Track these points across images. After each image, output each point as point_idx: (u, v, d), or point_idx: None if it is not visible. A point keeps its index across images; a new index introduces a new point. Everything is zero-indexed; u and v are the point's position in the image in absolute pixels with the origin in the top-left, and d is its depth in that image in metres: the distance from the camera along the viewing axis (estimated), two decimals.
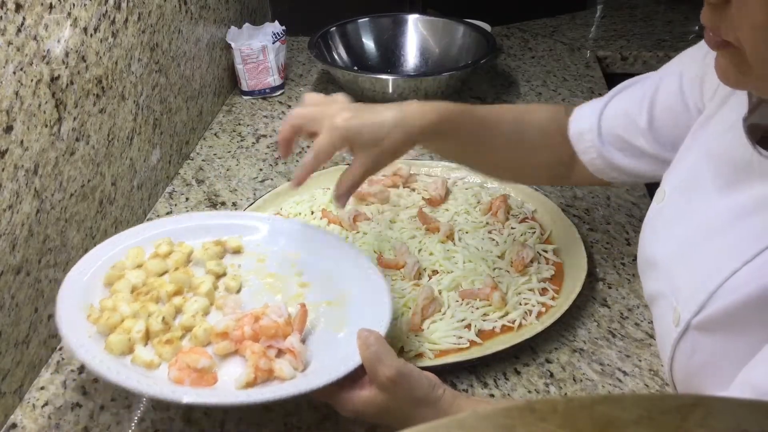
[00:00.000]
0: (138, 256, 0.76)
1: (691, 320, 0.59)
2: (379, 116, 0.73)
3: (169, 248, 0.78)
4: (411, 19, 1.52)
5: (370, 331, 0.67)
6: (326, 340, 0.71)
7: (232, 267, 0.80)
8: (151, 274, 0.75)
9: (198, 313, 0.71)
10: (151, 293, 0.72)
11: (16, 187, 0.73)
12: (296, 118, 0.75)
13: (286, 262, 0.81)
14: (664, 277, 0.65)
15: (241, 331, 0.68)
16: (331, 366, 0.65)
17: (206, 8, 1.28)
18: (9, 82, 0.71)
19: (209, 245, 0.80)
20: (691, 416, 0.27)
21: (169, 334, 0.68)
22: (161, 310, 0.70)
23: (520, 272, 0.90)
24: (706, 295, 0.57)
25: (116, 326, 0.67)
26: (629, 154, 0.79)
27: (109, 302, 0.70)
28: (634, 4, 1.87)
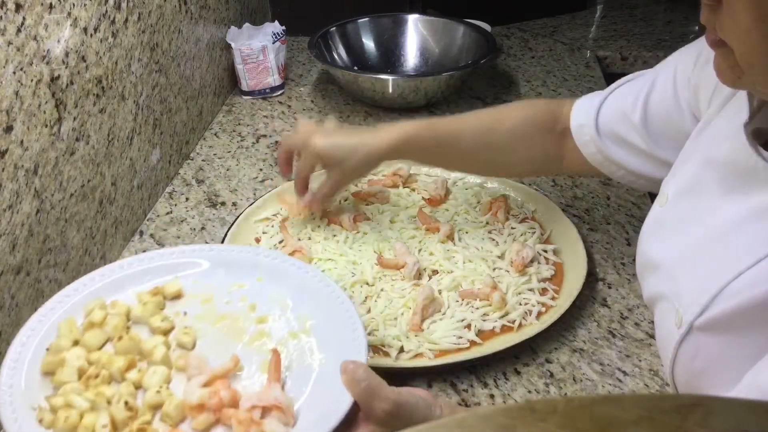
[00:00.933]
0: (72, 331, 0.66)
1: (694, 322, 0.59)
2: (347, 140, 0.88)
3: (103, 312, 0.68)
4: (411, 19, 1.52)
5: (354, 363, 0.61)
6: (304, 378, 0.64)
7: (177, 316, 0.70)
8: (91, 349, 0.66)
9: (161, 385, 0.63)
10: (101, 374, 0.63)
11: (16, 187, 0.73)
12: (287, 144, 0.94)
13: (234, 296, 0.73)
14: (667, 280, 0.65)
15: (217, 398, 0.60)
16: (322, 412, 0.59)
17: (206, 8, 1.28)
18: (9, 82, 0.71)
19: (146, 297, 0.71)
20: (691, 416, 0.27)
21: (139, 420, 0.60)
22: (120, 392, 0.62)
23: (520, 272, 0.90)
24: (709, 297, 0.57)
25: (76, 426, 0.59)
26: (625, 150, 0.81)
27: (59, 399, 0.61)
28: (634, 4, 1.87)
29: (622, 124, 0.80)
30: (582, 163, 0.85)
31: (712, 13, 0.54)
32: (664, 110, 0.76)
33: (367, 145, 0.87)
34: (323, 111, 1.37)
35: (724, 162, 0.62)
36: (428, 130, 0.88)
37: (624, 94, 0.82)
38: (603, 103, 0.83)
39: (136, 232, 1.03)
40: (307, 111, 1.37)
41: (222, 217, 1.06)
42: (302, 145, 0.90)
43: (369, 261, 0.92)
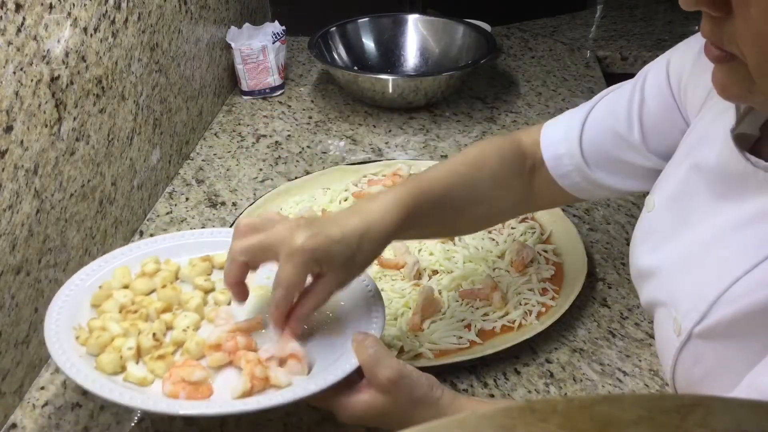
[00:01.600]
0: (124, 276, 0.75)
1: (693, 330, 0.59)
2: (341, 230, 0.65)
3: (155, 266, 0.76)
4: (411, 19, 1.52)
5: (365, 334, 0.66)
6: (322, 346, 0.70)
7: (220, 282, 0.75)
8: (138, 293, 0.73)
9: (189, 327, 0.70)
10: (140, 311, 0.70)
11: (16, 187, 0.73)
12: (240, 253, 0.64)
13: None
14: (663, 287, 0.65)
15: (234, 341, 0.67)
16: (328, 371, 0.65)
17: (206, 8, 1.28)
18: (9, 82, 0.71)
19: (196, 261, 0.78)
20: (691, 416, 0.27)
21: (161, 350, 0.66)
22: (151, 326, 0.69)
23: (520, 272, 0.90)
24: (707, 305, 0.57)
25: (106, 345, 0.66)
26: (618, 172, 0.76)
27: (98, 322, 0.69)
28: (634, 4, 1.87)
29: (614, 144, 0.74)
30: (556, 195, 0.80)
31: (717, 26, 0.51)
32: (664, 121, 0.72)
33: (375, 231, 0.66)
34: (323, 111, 1.37)
35: (712, 168, 0.62)
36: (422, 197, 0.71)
37: (607, 113, 0.75)
38: (584, 128, 0.76)
39: (136, 232, 1.03)
40: (307, 111, 1.37)
41: (222, 217, 1.06)
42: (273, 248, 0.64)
43: None
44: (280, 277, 0.63)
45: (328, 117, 1.34)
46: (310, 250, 0.62)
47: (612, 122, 0.74)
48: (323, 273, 0.65)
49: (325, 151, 1.24)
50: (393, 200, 0.69)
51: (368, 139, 1.27)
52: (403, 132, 1.29)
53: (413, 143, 1.26)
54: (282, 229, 0.64)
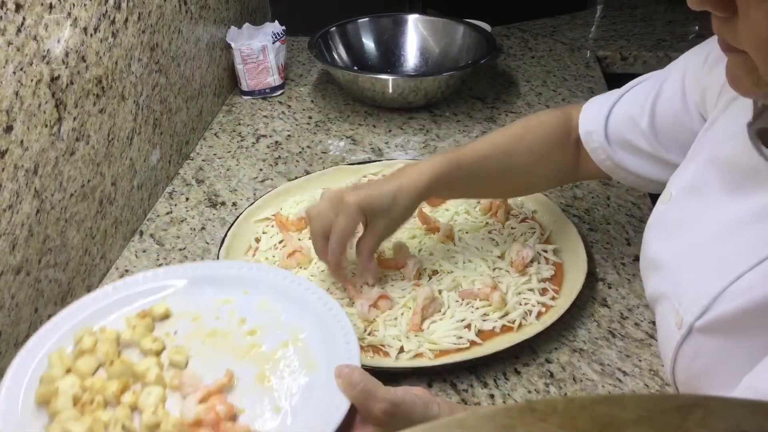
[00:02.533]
0: (63, 360, 0.66)
1: (694, 323, 0.59)
2: (381, 188, 0.82)
3: (93, 339, 0.68)
4: (411, 19, 1.52)
5: (349, 367, 0.62)
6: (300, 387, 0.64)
7: (167, 336, 0.70)
8: (85, 375, 0.65)
9: (157, 406, 0.62)
10: (96, 400, 0.62)
11: (16, 187, 0.73)
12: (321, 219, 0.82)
13: (223, 312, 0.72)
14: (668, 279, 0.65)
15: (214, 413, 0.61)
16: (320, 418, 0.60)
17: (206, 8, 1.28)
18: (9, 82, 0.71)
19: (135, 321, 0.70)
20: (691, 416, 0.27)
21: None
22: (117, 416, 0.61)
23: (520, 272, 0.90)
24: (709, 299, 0.57)
25: None
26: (635, 156, 0.81)
27: (57, 427, 0.60)
28: (634, 4, 1.87)
29: (631, 129, 0.80)
30: (596, 169, 0.85)
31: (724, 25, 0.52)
32: (672, 113, 0.76)
33: (406, 186, 0.82)
34: (323, 111, 1.37)
35: (726, 161, 0.62)
36: (455, 165, 0.84)
37: (632, 98, 0.81)
38: (612, 109, 0.82)
39: (136, 232, 1.03)
40: (307, 111, 1.37)
41: (222, 217, 1.06)
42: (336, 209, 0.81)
43: None
44: (335, 227, 0.80)
45: (328, 117, 1.35)
46: (357, 204, 0.80)
47: (632, 110, 0.80)
48: (368, 222, 0.82)
49: (325, 151, 1.24)
50: (428, 167, 0.83)
51: (368, 139, 1.27)
52: (403, 132, 1.29)
53: (413, 143, 1.26)
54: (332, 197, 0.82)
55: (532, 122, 0.90)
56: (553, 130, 0.87)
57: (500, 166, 0.87)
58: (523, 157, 0.87)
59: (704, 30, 0.58)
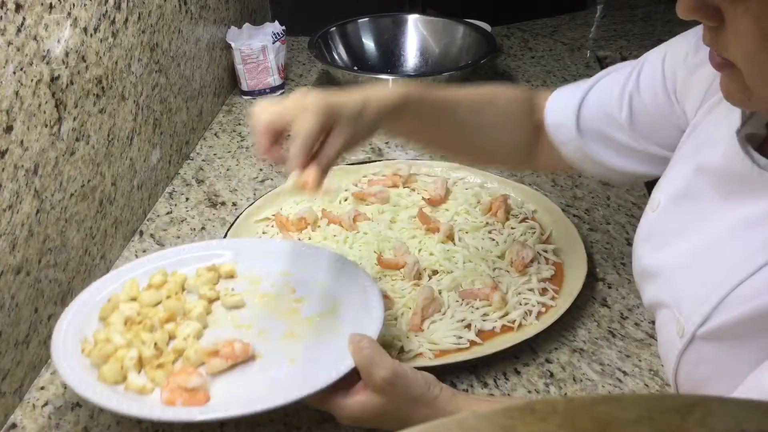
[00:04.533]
0: (132, 289, 0.77)
1: (696, 331, 0.59)
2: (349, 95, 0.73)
3: (162, 278, 0.79)
4: (411, 19, 1.52)
5: (361, 335, 0.67)
6: (319, 349, 0.72)
7: (225, 291, 0.80)
8: (145, 305, 0.76)
9: (190, 336, 0.72)
10: (143, 322, 0.72)
11: (16, 187, 0.73)
12: (274, 112, 0.70)
13: (279, 281, 0.82)
14: (666, 288, 0.65)
15: (231, 347, 0.69)
16: (324, 371, 0.66)
17: (206, 8, 1.28)
18: (9, 82, 0.71)
19: (202, 271, 0.81)
20: (691, 416, 0.27)
21: (161, 359, 0.68)
22: (154, 337, 0.71)
23: (520, 272, 0.90)
24: (710, 307, 0.57)
25: (109, 356, 0.68)
26: (610, 149, 0.78)
27: (102, 334, 0.71)
28: (634, 4, 1.87)
29: (606, 123, 0.78)
30: (557, 159, 0.83)
31: (714, 35, 0.53)
32: (653, 106, 0.74)
33: (376, 96, 0.74)
34: None
35: (717, 168, 0.62)
36: (427, 96, 0.79)
37: (605, 90, 0.79)
38: (583, 103, 0.80)
39: (136, 232, 1.03)
40: None
41: (222, 217, 1.06)
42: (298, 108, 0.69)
43: (369, 261, 0.92)
44: (298, 129, 0.68)
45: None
46: (322, 104, 0.68)
47: (606, 102, 0.78)
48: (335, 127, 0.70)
49: None
50: (400, 88, 0.77)
51: None
52: None
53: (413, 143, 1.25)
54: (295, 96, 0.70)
55: (501, 89, 0.87)
56: (520, 105, 0.85)
57: (468, 119, 0.83)
58: (491, 118, 0.84)
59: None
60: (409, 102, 0.76)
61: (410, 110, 0.77)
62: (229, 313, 0.77)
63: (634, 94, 0.75)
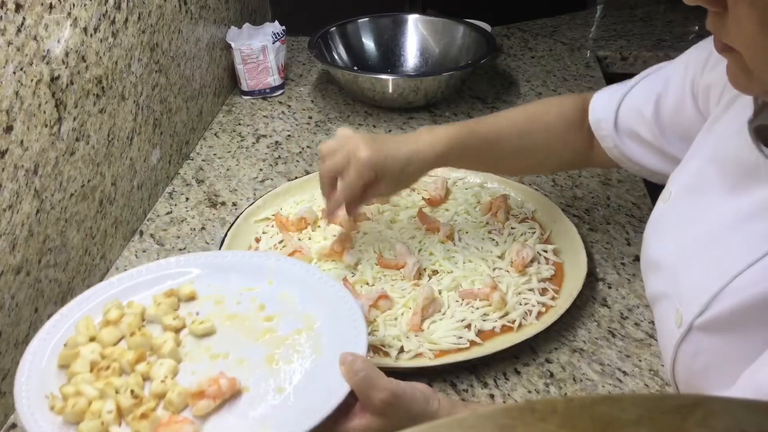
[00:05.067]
0: (88, 328, 0.71)
1: (694, 321, 0.59)
2: (397, 149, 0.82)
3: (119, 312, 0.73)
4: (411, 19, 1.52)
5: (353, 355, 0.64)
6: (305, 372, 0.67)
7: (190, 316, 0.74)
8: (106, 344, 0.70)
9: (167, 376, 0.66)
10: (112, 367, 0.67)
11: (16, 187, 0.73)
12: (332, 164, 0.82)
13: (245, 298, 0.76)
14: (668, 279, 0.65)
15: (216, 385, 0.64)
16: (320, 401, 0.62)
17: (206, 8, 1.28)
18: (9, 82, 0.71)
19: (161, 299, 0.75)
20: (691, 416, 0.27)
21: (142, 407, 0.63)
22: (128, 382, 0.65)
23: (520, 272, 0.90)
24: (709, 297, 0.57)
25: (84, 412, 0.62)
26: (640, 146, 0.82)
27: (70, 387, 0.65)
28: (634, 4, 1.87)
29: (637, 120, 0.81)
30: (606, 156, 0.86)
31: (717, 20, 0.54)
32: (675, 109, 0.77)
33: (420, 153, 0.83)
34: (323, 111, 1.37)
35: (727, 159, 0.62)
36: (471, 135, 0.86)
37: (641, 90, 0.82)
38: (623, 99, 0.83)
39: (136, 232, 1.03)
40: (307, 111, 1.37)
41: (222, 217, 1.06)
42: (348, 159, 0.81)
43: (369, 261, 0.92)
44: (345, 180, 0.81)
45: (328, 117, 1.35)
46: (370, 163, 0.80)
47: (640, 100, 0.81)
48: (378, 179, 0.82)
49: None
50: (443, 135, 0.84)
51: None
52: (403, 132, 1.29)
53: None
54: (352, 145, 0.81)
55: (551, 102, 0.91)
56: (570, 112, 0.88)
57: (516, 143, 0.88)
58: (540, 136, 0.88)
59: (704, 30, 0.58)
60: (451, 152, 0.84)
61: (455, 156, 0.85)
62: (201, 342, 0.71)
63: (662, 95, 0.79)
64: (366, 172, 0.80)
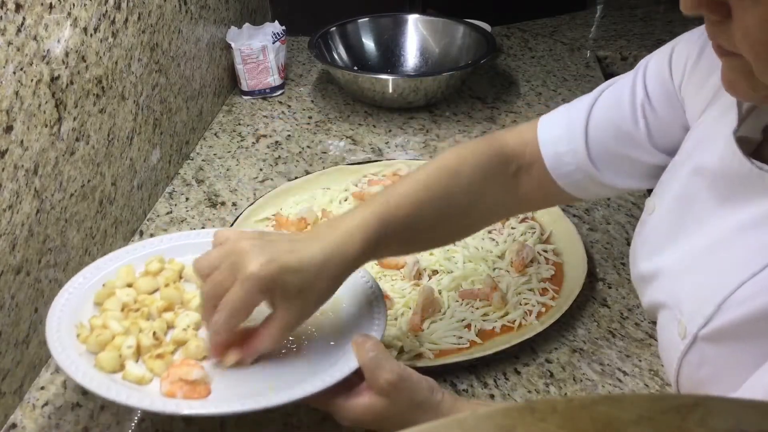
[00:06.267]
0: (128, 275, 0.75)
1: (698, 333, 0.59)
2: (299, 259, 0.61)
3: (159, 266, 0.77)
4: (411, 19, 1.52)
5: (366, 336, 0.66)
6: (320, 348, 0.70)
7: None
8: (141, 291, 0.74)
9: (189, 327, 0.70)
10: (141, 310, 0.71)
11: (16, 187, 0.73)
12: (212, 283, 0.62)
13: None
14: (666, 290, 0.65)
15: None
16: (328, 372, 0.65)
17: (206, 8, 1.28)
18: (9, 82, 0.71)
19: None
20: (691, 416, 0.27)
21: (160, 349, 0.66)
22: (152, 325, 0.69)
23: (520, 272, 0.90)
24: (713, 308, 0.57)
25: (106, 344, 0.66)
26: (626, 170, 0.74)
27: (99, 320, 0.69)
28: (634, 4, 1.87)
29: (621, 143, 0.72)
30: (549, 195, 0.77)
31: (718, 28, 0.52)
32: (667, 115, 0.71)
33: (333, 262, 0.63)
34: (323, 111, 1.37)
35: (715, 170, 0.62)
36: (388, 222, 0.67)
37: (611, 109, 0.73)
38: (588, 126, 0.73)
39: (136, 232, 1.03)
40: (307, 111, 1.37)
41: (222, 217, 1.06)
42: (235, 274, 0.61)
43: None
44: (226, 300, 0.61)
45: (328, 117, 1.35)
46: (262, 278, 0.59)
47: (617, 119, 0.72)
48: (276, 304, 0.62)
49: (325, 151, 1.24)
50: (357, 226, 0.65)
51: (368, 139, 1.27)
52: (403, 132, 1.29)
53: (413, 143, 1.26)
54: (236, 251, 0.62)
55: (463, 155, 0.75)
56: (489, 161, 0.75)
57: (437, 212, 0.72)
58: (462, 198, 0.73)
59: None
60: (372, 246, 0.66)
61: (376, 251, 0.67)
62: None
63: (646, 102, 0.70)
64: (255, 293, 0.60)
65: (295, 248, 0.62)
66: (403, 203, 0.69)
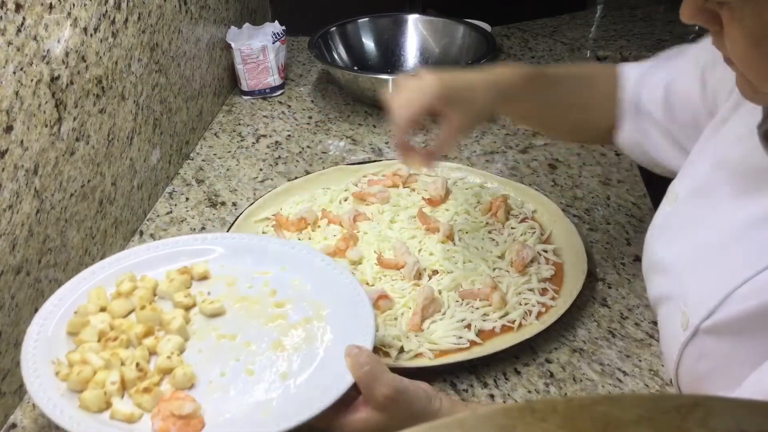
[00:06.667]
0: (100, 298, 0.72)
1: (701, 325, 0.59)
2: (470, 78, 0.76)
3: (131, 284, 0.73)
4: (411, 19, 1.52)
5: (359, 348, 0.65)
6: (311, 360, 0.68)
7: (201, 295, 0.75)
8: (116, 315, 0.70)
9: (173, 352, 0.67)
10: (119, 338, 0.67)
11: (16, 187, 0.73)
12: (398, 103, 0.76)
13: (257, 282, 0.77)
14: (673, 281, 0.65)
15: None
16: (322, 391, 0.63)
17: (206, 8, 1.28)
18: (9, 82, 0.71)
19: (174, 275, 0.75)
20: (690, 416, 0.27)
21: (146, 381, 0.63)
22: (134, 355, 0.66)
23: (520, 272, 0.90)
24: (717, 301, 0.57)
25: (88, 381, 0.63)
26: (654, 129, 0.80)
27: (77, 355, 0.66)
28: (634, 4, 1.87)
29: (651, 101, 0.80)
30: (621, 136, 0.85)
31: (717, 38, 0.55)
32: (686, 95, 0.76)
33: (498, 84, 0.77)
34: (323, 111, 1.37)
35: (736, 163, 0.62)
36: (542, 73, 0.83)
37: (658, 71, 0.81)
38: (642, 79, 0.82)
39: (136, 232, 1.03)
40: (307, 111, 1.37)
41: (222, 217, 1.06)
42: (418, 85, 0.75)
43: (369, 261, 0.92)
44: (406, 98, 0.74)
45: (328, 117, 1.35)
46: (441, 86, 0.73)
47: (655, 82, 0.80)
48: (448, 112, 0.75)
49: (325, 151, 1.24)
50: (516, 68, 0.79)
51: (368, 139, 1.27)
52: None
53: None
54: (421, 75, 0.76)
55: (599, 68, 0.90)
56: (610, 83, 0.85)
57: (578, 91, 0.85)
58: (596, 90, 0.85)
59: (704, 30, 0.59)
60: (529, 84, 0.79)
61: (528, 92, 0.80)
62: (210, 322, 0.72)
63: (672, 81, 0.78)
64: (436, 94, 0.74)
65: (465, 73, 0.77)
66: (554, 70, 0.86)
